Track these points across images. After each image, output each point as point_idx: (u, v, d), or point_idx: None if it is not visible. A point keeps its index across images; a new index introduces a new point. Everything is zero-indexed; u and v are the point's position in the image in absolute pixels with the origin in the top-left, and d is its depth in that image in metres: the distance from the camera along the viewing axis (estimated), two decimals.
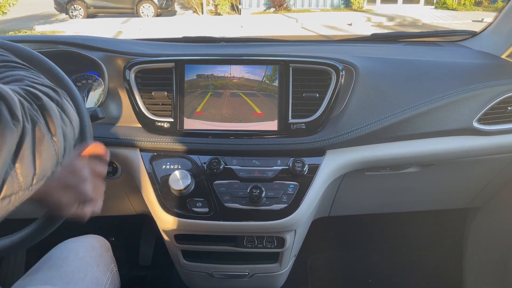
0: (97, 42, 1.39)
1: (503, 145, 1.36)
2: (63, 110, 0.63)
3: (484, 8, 14.76)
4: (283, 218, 1.20)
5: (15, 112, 0.50)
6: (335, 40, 1.84)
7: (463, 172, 1.51)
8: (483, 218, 1.83)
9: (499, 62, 1.46)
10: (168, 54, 1.31)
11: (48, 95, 0.61)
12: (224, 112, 1.25)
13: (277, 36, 1.81)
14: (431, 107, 1.25)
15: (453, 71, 1.35)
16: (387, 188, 1.55)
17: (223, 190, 1.21)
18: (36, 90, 0.60)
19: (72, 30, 11.55)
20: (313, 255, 2.17)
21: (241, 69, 1.25)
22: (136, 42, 1.53)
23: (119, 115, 1.30)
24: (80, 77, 1.41)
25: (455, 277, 1.96)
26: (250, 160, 1.24)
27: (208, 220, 1.21)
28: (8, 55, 0.71)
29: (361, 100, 1.24)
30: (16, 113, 0.50)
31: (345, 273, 2.14)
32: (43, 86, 0.63)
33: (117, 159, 1.30)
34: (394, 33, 1.77)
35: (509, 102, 1.33)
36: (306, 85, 1.25)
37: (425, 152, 1.31)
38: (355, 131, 1.22)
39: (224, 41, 1.62)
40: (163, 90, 1.25)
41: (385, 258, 2.19)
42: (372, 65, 1.31)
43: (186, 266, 1.45)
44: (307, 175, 1.22)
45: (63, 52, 1.34)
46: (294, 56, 1.26)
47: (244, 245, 1.33)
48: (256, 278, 1.46)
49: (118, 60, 1.32)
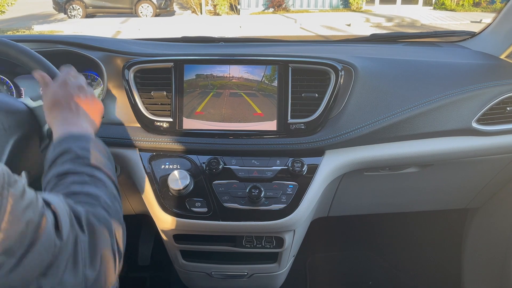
0: (96, 41, 1.38)
1: (502, 146, 1.36)
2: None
3: (483, 9, 14.79)
4: (282, 218, 1.20)
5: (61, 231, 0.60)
6: (334, 41, 1.84)
7: (462, 172, 1.51)
8: (482, 218, 1.83)
9: (498, 63, 1.46)
10: (167, 54, 1.31)
11: (106, 225, 0.71)
12: (223, 112, 1.25)
13: (276, 37, 1.81)
14: (430, 108, 1.25)
15: (452, 72, 1.35)
16: (386, 189, 1.55)
17: (222, 190, 1.21)
18: (97, 219, 0.69)
19: (71, 30, 11.53)
20: (312, 255, 2.17)
21: (240, 69, 1.25)
22: (135, 42, 1.52)
23: (118, 115, 1.29)
24: None
25: (455, 276, 1.96)
26: (249, 160, 1.24)
27: (207, 220, 1.21)
28: (67, 143, 0.80)
29: (360, 100, 1.24)
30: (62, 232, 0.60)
31: (344, 273, 2.14)
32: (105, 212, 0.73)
33: (116, 159, 1.29)
34: (394, 33, 1.77)
35: (508, 103, 1.33)
36: (305, 85, 1.25)
37: (424, 153, 1.31)
38: (354, 131, 1.22)
39: (223, 41, 1.62)
40: (162, 90, 1.25)
41: (384, 258, 2.19)
42: (371, 65, 1.31)
43: (185, 266, 1.44)
44: (306, 175, 1.21)
45: (62, 51, 1.33)
46: (293, 56, 1.26)
47: (243, 245, 1.33)
48: (255, 278, 1.46)
49: (117, 60, 1.32)
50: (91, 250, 0.64)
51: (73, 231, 0.62)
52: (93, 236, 0.66)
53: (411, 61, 1.39)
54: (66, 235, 0.60)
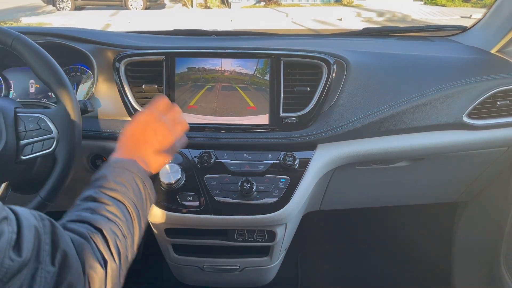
0: (86, 34, 1.36)
1: (492, 140, 1.37)
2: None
3: (473, 4, 14.89)
4: (274, 212, 1.20)
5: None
6: (327, 34, 1.84)
7: (453, 166, 1.52)
8: (472, 212, 1.85)
9: (489, 57, 1.47)
10: (158, 47, 1.30)
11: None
12: (215, 106, 1.24)
13: (268, 31, 1.80)
14: (422, 102, 1.25)
15: (443, 66, 1.36)
16: (377, 182, 1.56)
17: (214, 184, 1.21)
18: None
19: (59, 23, 11.39)
20: (304, 249, 2.18)
21: (232, 62, 1.24)
22: (126, 34, 1.51)
23: (108, 108, 1.28)
24: (69, 70, 1.39)
25: (444, 269, 1.98)
26: (241, 154, 1.24)
27: (198, 214, 1.21)
28: (110, 170, 0.81)
29: (352, 94, 1.24)
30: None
31: (336, 266, 2.15)
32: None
33: (106, 152, 1.28)
34: (386, 27, 1.77)
35: (499, 97, 1.34)
36: (298, 79, 1.24)
37: (415, 146, 1.32)
38: (346, 125, 1.22)
39: (215, 34, 1.61)
40: (154, 83, 1.24)
41: (375, 252, 2.21)
42: (363, 59, 1.31)
43: (177, 260, 1.44)
44: (298, 169, 1.21)
45: (51, 44, 1.31)
46: (285, 49, 1.25)
47: (235, 239, 1.32)
48: (246, 272, 1.47)
49: (108, 53, 1.30)
50: (56, 284, 0.57)
51: (38, 254, 0.55)
52: (63, 269, 0.58)
53: (403, 55, 1.39)
54: (26, 255, 0.53)
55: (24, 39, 0.97)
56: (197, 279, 1.56)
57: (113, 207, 0.75)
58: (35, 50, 0.97)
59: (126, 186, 0.79)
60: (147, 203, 0.84)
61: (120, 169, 0.82)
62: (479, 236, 1.82)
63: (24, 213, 0.57)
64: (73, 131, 0.98)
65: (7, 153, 0.92)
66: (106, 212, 0.73)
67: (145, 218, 0.83)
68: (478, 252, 1.82)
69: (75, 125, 0.98)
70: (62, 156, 0.97)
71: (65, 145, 0.97)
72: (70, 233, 0.64)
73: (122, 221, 0.74)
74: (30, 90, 1.41)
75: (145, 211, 0.83)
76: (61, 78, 0.98)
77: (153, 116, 0.93)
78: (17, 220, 0.55)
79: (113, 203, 0.75)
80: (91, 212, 0.72)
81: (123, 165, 0.83)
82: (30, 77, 1.41)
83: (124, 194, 0.78)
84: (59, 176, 0.96)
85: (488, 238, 1.74)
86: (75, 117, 0.98)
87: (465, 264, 1.90)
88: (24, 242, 0.53)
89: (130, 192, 0.79)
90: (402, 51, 1.43)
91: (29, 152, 0.95)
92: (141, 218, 0.81)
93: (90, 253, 0.64)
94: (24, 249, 0.52)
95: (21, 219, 0.55)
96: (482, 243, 1.79)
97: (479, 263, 1.81)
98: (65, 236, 0.62)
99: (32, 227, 0.56)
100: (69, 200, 0.80)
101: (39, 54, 0.98)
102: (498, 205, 1.67)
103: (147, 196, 0.84)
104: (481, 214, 1.80)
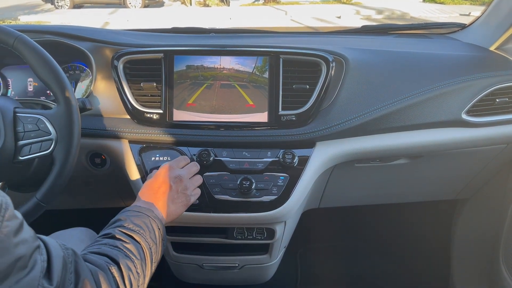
0: (84, 32, 1.36)
1: (491, 137, 1.37)
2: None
3: (472, 2, 14.85)
4: (273, 210, 1.20)
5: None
6: (326, 32, 1.83)
7: (452, 163, 1.52)
8: (471, 209, 1.85)
9: (488, 55, 1.47)
10: (157, 45, 1.29)
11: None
12: (214, 104, 1.24)
13: (267, 28, 1.80)
14: (421, 99, 1.25)
15: (442, 63, 1.36)
16: (376, 180, 1.56)
17: (213, 182, 1.21)
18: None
19: (58, 21, 11.38)
20: (303, 246, 2.18)
21: (231, 60, 1.24)
22: (125, 32, 1.50)
23: (107, 106, 1.28)
24: (67, 68, 1.39)
25: (443, 266, 1.99)
26: (240, 152, 1.23)
27: (198, 212, 1.21)
28: (129, 215, 0.90)
29: (351, 91, 1.24)
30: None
31: (335, 264, 2.16)
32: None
33: (106, 151, 1.28)
34: (385, 25, 1.76)
35: (497, 94, 1.34)
36: (297, 77, 1.24)
37: (414, 144, 1.32)
38: (345, 123, 1.22)
39: (214, 32, 1.61)
40: (152, 81, 1.24)
41: (374, 249, 2.21)
42: (362, 57, 1.31)
43: (176, 258, 1.44)
44: (297, 166, 1.21)
45: (50, 42, 1.31)
46: (284, 47, 1.25)
47: (234, 236, 1.32)
48: (246, 270, 1.47)
49: (106, 51, 1.30)
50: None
51: (64, 283, 0.59)
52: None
53: (402, 53, 1.39)
54: (56, 283, 0.57)
55: (26, 40, 0.97)
56: (197, 277, 1.56)
57: (131, 245, 0.81)
58: (37, 51, 0.97)
59: (143, 229, 0.86)
60: (160, 248, 0.91)
61: (139, 213, 0.90)
62: (478, 233, 1.82)
63: (51, 242, 0.61)
64: (72, 133, 0.97)
65: (5, 153, 0.92)
66: (123, 249, 0.79)
67: (156, 263, 0.89)
68: (477, 249, 1.82)
69: (74, 127, 0.98)
70: (60, 158, 0.96)
71: (63, 147, 0.97)
72: (89, 264, 0.69)
73: (137, 259, 0.80)
74: (29, 88, 1.40)
75: (157, 256, 0.89)
76: (62, 80, 0.98)
77: (172, 170, 1.06)
78: (46, 249, 0.58)
79: (131, 242, 0.82)
80: (109, 247, 0.78)
81: (142, 210, 0.92)
82: (28, 75, 1.40)
83: (141, 236, 0.85)
84: (56, 178, 0.96)
85: (487, 235, 1.74)
86: (74, 120, 0.98)
87: (464, 260, 1.90)
88: (54, 270, 0.57)
89: (147, 234, 0.86)
90: (401, 49, 1.42)
91: (27, 153, 0.95)
92: (153, 261, 0.87)
93: (106, 282, 0.69)
94: (54, 277, 0.56)
95: (50, 248, 0.59)
96: (481, 240, 1.79)
97: (478, 260, 1.81)
98: (85, 266, 0.66)
99: (60, 257, 0.60)
100: (67, 198, 0.80)
101: (41, 55, 0.97)
102: (497, 202, 1.67)
103: (161, 242, 0.91)
104: (480, 211, 1.80)
